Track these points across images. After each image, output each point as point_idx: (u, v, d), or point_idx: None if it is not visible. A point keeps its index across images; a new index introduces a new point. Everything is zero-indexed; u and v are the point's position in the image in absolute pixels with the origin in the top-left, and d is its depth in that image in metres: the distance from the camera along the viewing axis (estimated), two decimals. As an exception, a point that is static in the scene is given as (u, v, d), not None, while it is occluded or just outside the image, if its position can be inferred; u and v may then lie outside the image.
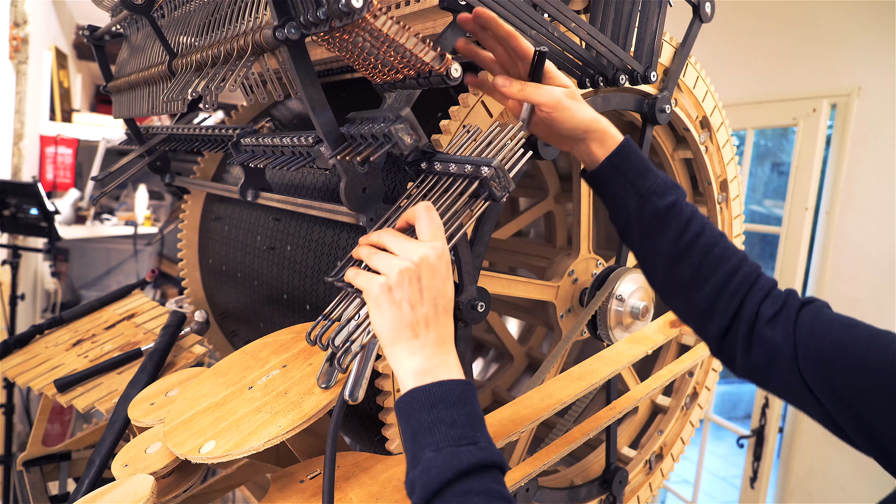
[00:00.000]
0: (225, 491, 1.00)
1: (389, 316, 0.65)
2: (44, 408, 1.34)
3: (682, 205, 0.76)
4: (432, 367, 0.64)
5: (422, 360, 0.64)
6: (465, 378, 0.65)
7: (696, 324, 0.77)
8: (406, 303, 0.64)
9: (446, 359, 0.65)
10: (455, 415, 0.61)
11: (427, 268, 0.65)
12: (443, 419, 0.60)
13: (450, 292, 0.67)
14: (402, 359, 0.65)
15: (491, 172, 0.71)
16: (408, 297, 0.64)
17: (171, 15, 1.06)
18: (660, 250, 0.76)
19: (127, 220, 3.24)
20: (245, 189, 1.17)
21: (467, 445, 0.59)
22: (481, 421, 0.62)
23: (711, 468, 4.29)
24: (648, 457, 1.36)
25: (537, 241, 1.94)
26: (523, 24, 0.82)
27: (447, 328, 0.67)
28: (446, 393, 0.62)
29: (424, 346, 0.65)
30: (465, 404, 0.62)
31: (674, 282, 0.76)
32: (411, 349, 0.65)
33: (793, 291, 0.72)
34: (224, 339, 1.56)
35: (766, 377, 0.70)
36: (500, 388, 1.81)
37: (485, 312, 0.90)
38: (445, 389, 0.62)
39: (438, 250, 0.66)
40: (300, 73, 0.71)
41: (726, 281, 0.73)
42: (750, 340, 0.71)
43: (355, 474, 0.78)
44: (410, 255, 0.65)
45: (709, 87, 1.23)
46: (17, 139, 2.56)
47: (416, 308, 0.65)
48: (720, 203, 1.32)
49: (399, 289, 0.64)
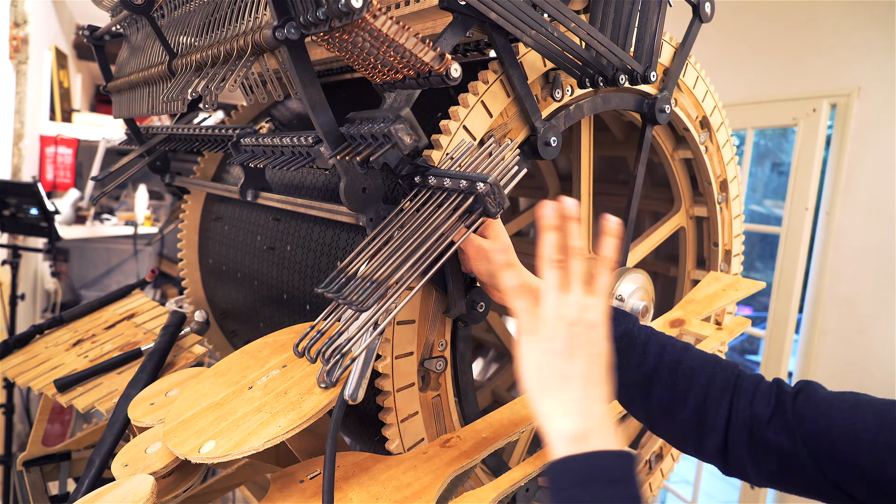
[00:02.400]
0: (225, 491, 1.00)
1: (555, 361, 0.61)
2: (44, 408, 1.34)
3: (635, 331, 0.74)
4: (588, 431, 0.58)
5: (576, 422, 0.58)
6: (626, 449, 0.59)
7: (694, 446, 0.72)
8: (565, 353, 0.61)
9: (606, 423, 0.59)
10: (611, 494, 0.54)
11: (588, 325, 0.62)
12: (597, 498, 0.54)
13: (608, 355, 0.63)
14: (555, 417, 0.59)
15: (486, 189, 0.70)
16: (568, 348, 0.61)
17: (171, 15, 1.06)
18: (628, 382, 0.73)
19: (127, 220, 3.24)
20: (245, 189, 1.17)
21: None
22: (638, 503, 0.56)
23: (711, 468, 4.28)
24: (648, 457, 1.36)
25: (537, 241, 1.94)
26: (523, 24, 0.82)
27: (607, 393, 0.62)
28: (604, 469, 0.56)
29: (582, 406, 0.59)
30: (626, 484, 0.55)
31: (655, 409, 0.73)
32: (565, 409, 0.59)
33: (780, 381, 0.68)
34: (224, 339, 1.56)
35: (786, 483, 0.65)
36: (500, 388, 1.81)
37: (485, 312, 0.90)
38: (603, 464, 0.56)
39: (601, 309, 0.64)
40: (300, 73, 0.71)
41: (706, 392, 0.69)
42: (755, 449, 0.67)
43: (355, 474, 0.78)
44: (597, 307, 0.63)
45: (709, 87, 1.23)
46: (17, 139, 2.56)
47: (576, 361, 0.61)
48: (720, 203, 1.32)
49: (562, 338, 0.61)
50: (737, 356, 5.48)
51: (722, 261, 1.36)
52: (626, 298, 1.15)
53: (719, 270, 1.35)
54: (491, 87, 0.90)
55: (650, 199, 1.57)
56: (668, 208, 1.40)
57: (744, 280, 1.24)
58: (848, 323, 2.18)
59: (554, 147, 0.96)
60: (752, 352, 5.38)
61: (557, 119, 0.99)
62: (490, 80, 0.90)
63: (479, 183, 0.71)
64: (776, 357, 2.32)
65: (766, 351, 2.38)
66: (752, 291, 1.21)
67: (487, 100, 0.90)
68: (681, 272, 1.42)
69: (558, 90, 0.98)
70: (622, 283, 1.15)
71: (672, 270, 1.54)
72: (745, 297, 1.20)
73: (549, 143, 0.95)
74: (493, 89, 0.90)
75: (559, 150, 0.97)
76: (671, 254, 1.57)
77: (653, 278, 1.22)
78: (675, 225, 1.35)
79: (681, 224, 1.36)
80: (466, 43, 1.11)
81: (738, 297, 1.19)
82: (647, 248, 1.29)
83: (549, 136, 0.95)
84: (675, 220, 1.34)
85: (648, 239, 1.28)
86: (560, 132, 0.97)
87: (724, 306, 1.18)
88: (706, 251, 1.38)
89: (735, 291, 1.20)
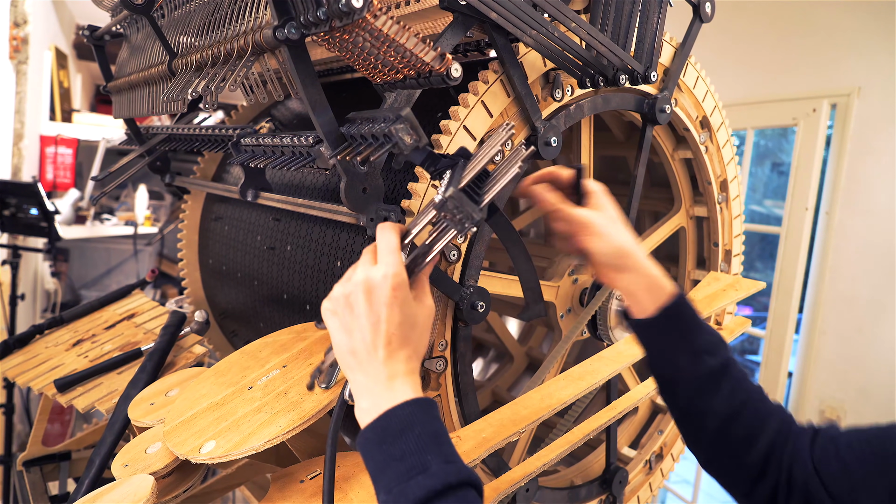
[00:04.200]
0: (225, 491, 0.99)
1: (336, 340, 0.64)
2: (44, 408, 1.34)
3: (734, 363, 0.71)
4: (375, 398, 0.61)
5: (368, 398, 0.61)
6: (414, 397, 0.61)
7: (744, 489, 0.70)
8: (344, 329, 0.63)
9: (390, 384, 0.61)
10: (403, 445, 0.57)
11: (363, 293, 0.62)
12: (392, 455, 0.57)
13: (398, 317, 0.62)
14: (357, 399, 0.63)
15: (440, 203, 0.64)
16: (345, 323, 0.63)
17: (171, 15, 1.06)
18: (711, 411, 0.70)
19: (127, 220, 3.24)
20: (245, 189, 1.17)
21: (416, 476, 0.55)
22: (436, 439, 0.58)
23: (711, 468, 4.28)
24: (648, 457, 1.36)
25: (537, 241, 1.94)
26: (524, 24, 0.82)
27: (396, 356, 0.63)
28: (390, 423, 0.59)
29: (367, 374, 0.62)
30: (412, 427, 0.58)
31: (725, 444, 0.70)
32: (357, 384, 0.63)
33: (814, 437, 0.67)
34: (224, 339, 1.56)
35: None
36: (500, 388, 1.81)
37: (485, 312, 0.90)
38: (389, 420, 0.59)
39: (380, 272, 0.62)
40: (300, 73, 0.71)
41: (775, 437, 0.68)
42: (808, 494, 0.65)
43: (355, 474, 0.78)
44: (356, 275, 0.64)
45: (709, 87, 1.23)
46: (17, 139, 2.56)
47: (354, 334, 0.63)
48: (720, 203, 1.32)
49: (336, 313, 0.64)
50: (737, 356, 5.48)
51: (722, 261, 1.36)
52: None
53: (719, 270, 1.35)
54: (491, 86, 0.90)
55: (650, 199, 1.57)
56: (668, 208, 1.40)
57: (744, 280, 1.24)
58: (848, 323, 2.18)
59: (554, 147, 0.96)
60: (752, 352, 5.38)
61: (558, 119, 0.99)
62: (490, 80, 0.90)
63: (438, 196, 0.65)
64: (776, 357, 2.32)
65: (766, 351, 2.38)
66: (752, 291, 1.21)
67: (488, 100, 0.90)
68: (681, 272, 1.42)
69: (558, 90, 0.98)
70: (622, 283, 1.15)
71: (672, 270, 1.54)
72: (745, 297, 1.20)
73: (550, 143, 0.95)
74: (493, 89, 0.90)
75: (559, 150, 0.97)
76: (671, 254, 1.57)
77: (653, 278, 1.22)
78: (675, 225, 1.35)
79: (681, 224, 1.36)
80: (467, 43, 1.11)
81: (738, 297, 1.19)
82: (647, 248, 1.29)
83: (550, 136, 0.95)
84: (675, 220, 1.34)
85: (648, 239, 1.28)
86: (560, 132, 0.97)
87: (725, 306, 1.18)
88: (706, 251, 1.38)
89: (735, 291, 1.20)
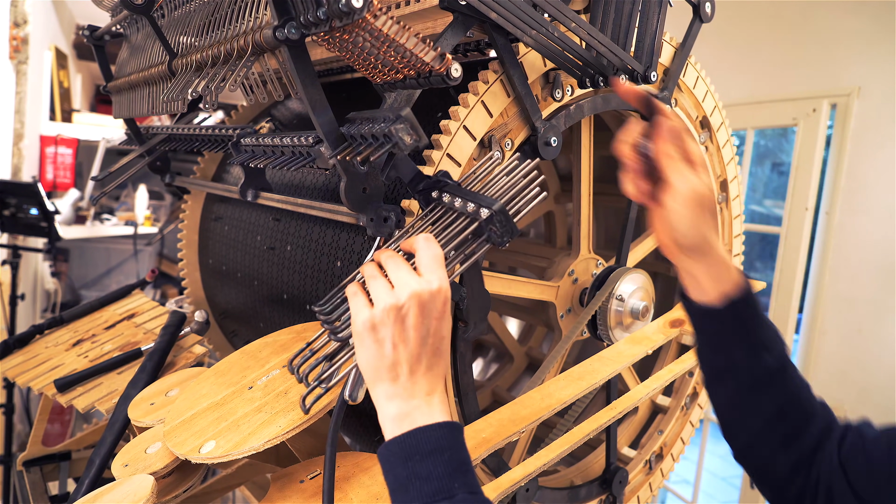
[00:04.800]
0: (225, 491, 0.99)
1: (371, 353, 0.62)
2: (44, 408, 1.34)
3: (789, 361, 0.69)
4: (411, 409, 0.61)
5: (400, 405, 0.61)
6: (447, 420, 0.61)
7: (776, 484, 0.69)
8: (388, 342, 0.61)
9: (428, 399, 0.62)
10: (431, 465, 0.57)
11: (417, 306, 0.62)
12: (418, 473, 0.57)
13: (443, 331, 0.64)
14: (382, 403, 0.62)
15: (488, 215, 0.67)
16: (391, 337, 0.61)
17: (171, 15, 1.06)
18: (759, 408, 0.68)
19: (127, 220, 3.24)
20: (245, 189, 1.17)
21: (441, 501, 0.56)
22: (462, 467, 0.59)
23: (711, 468, 4.29)
24: (648, 457, 1.36)
25: (537, 241, 1.94)
26: (524, 24, 0.82)
27: (435, 370, 0.63)
28: (421, 442, 0.59)
29: (405, 388, 0.62)
30: (443, 451, 0.58)
31: (765, 442, 0.69)
32: (389, 393, 0.62)
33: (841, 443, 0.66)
34: (224, 339, 1.56)
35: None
36: (500, 388, 1.81)
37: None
38: (420, 438, 0.59)
39: (433, 286, 0.63)
40: (300, 73, 0.71)
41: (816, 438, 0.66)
42: None
43: (355, 474, 0.78)
44: (401, 290, 0.62)
45: (709, 87, 1.23)
46: (17, 139, 2.56)
47: (399, 349, 0.61)
48: (720, 203, 1.32)
49: (383, 327, 0.62)
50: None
51: (722, 261, 1.36)
52: (625, 298, 1.15)
53: (719, 270, 1.35)
54: (491, 86, 0.90)
55: (650, 199, 1.56)
56: (668, 208, 1.40)
57: (744, 280, 1.23)
58: (848, 323, 2.18)
59: (554, 147, 0.96)
60: (752, 352, 5.37)
61: (558, 119, 0.99)
62: (490, 80, 0.90)
63: (483, 209, 0.67)
64: (776, 357, 2.31)
65: (766, 351, 2.38)
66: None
67: (488, 100, 0.90)
68: (681, 272, 1.42)
69: (558, 90, 0.98)
70: (622, 283, 1.15)
71: (672, 270, 1.54)
72: (746, 297, 1.20)
73: (550, 143, 0.95)
74: (493, 89, 0.90)
75: (559, 150, 0.97)
76: (671, 254, 1.57)
77: (653, 278, 1.22)
78: (675, 225, 1.34)
79: (681, 224, 1.36)
80: (467, 43, 1.11)
81: (739, 297, 1.19)
82: (647, 248, 1.29)
83: (550, 136, 0.95)
84: (675, 220, 1.34)
85: (648, 239, 1.28)
86: (560, 132, 0.97)
87: (725, 306, 1.18)
88: (706, 251, 1.38)
89: (735, 291, 1.20)
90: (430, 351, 0.63)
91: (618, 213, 1.78)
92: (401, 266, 0.65)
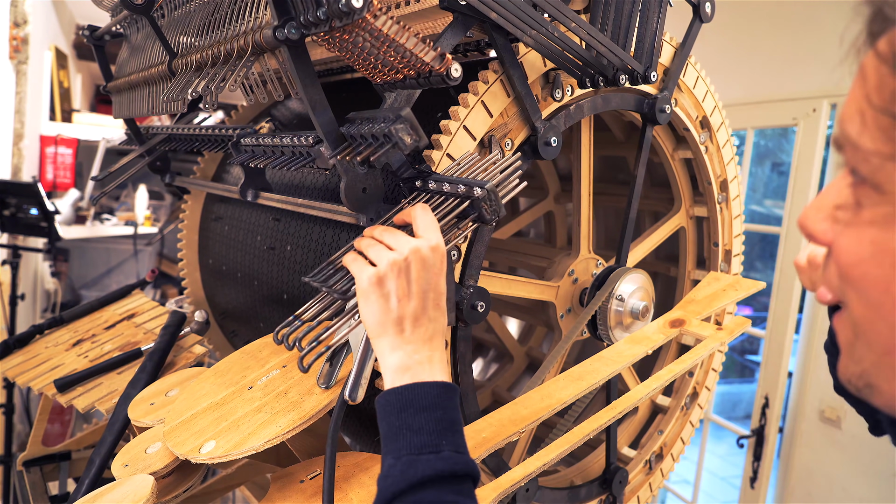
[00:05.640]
0: (225, 491, 1.00)
1: (377, 308, 0.64)
2: (44, 408, 1.34)
3: None
4: (413, 363, 0.63)
5: (403, 357, 0.63)
6: (446, 380, 0.63)
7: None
8: (394, 296, 0.64)
9: (430, 356, 0.64)
10: (423, 420, 0.59)
11: (418, 260, 0.65)
12: (409, 425, 0.59)
13: (442, 286, 0.67)
14: (385, 354, 0.64)
15: (483, 194, 0.71)
16: (395, 290, 0.64)
17: (171, 15, 1.06)
18: None
19: (127, 220, 3.24)
20: (245, 189, 1.17)
21: (428, 454, 0.57)
22: (453, 427, 0.61)
23: (711, 468, 4.29)
24: (648, 457, 1.36)
25: (537, 241, 1.94)
26: (523, 24, 0.82)
27: (436, 324, 0.66)
28: (418, 396, 0.61)
29: (409, 341, 0.64)
30: (437, 409, 0.60)
31: None
32: (394, 344, 0.64)
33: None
34: (224, 339, 1.56)
35: None
36: (500, 388, 1.81)
37: (485, 312, 0.90)
38: (418, 392, 0.61)
39: (432, 242, 0.66)
40: (300, 73, 0.71)
41: None
42: None
43: (355, 474, 0.78)
44: (402, 247, 0.65)
45: (709, 87, 1.23)
46: (17, 139, 2.56)
47: (404, 302, 0.64)
48: (720, 203, 1.32)
49: (388, 281, 0.64)
50: (737, 356, 5.48)
51: (722, 261, 1.36)
52: (626, 298, 1.15)
53: (719, 270, 1.35)
54: (491, 86, 0.90)
55: (650, 199, 1.56)
56: (668, 208, 1.40)
57: (744, 280, 1.23)
58: (848, 323, 2.18)
59: (554, 147, 0.96)
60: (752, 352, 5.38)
61: (558, 119, 0.99)
62: (490, 80, 0.90)
63: (476, 188, 0.71)
64: (776, 357, 2.31)
65: (766, 351, 2.38)
66: (753, 291, 1.21)
67: (488, 100, 0.90)
68: (681, 272, 1.42)
69: (558, 90, 0.98)
70: (622, 283, 1.15)
71: (672, 270, 1.54)
72: (746, 297, 1.20)
73: (550, 143, 0.95)
74: (493, 89, 0.90)
75: (559, 150, 0.97)
76: (671, 254, 1.57)
77: (653, 278, 1.22)
78: (675, 225, 1.35)
79: (681, 224, 1.36)
80: (466, 43, 1.11)
81: (739, 297, 1.19)
82: (647, 248, 1.29)
83: (550, 136, 0.95)
84: (675, 220, 1.34)
85: (648, 239, 1.28)
86: (560, 132, 0.97)
87: (725, 306, 1.18)
88: (706, 251, 1.38)
89: (735, 291, 1.20)
90: (431, 304, 0.66)
91: (618, 213, 1.78)
92: (397, 232, 0.68)
